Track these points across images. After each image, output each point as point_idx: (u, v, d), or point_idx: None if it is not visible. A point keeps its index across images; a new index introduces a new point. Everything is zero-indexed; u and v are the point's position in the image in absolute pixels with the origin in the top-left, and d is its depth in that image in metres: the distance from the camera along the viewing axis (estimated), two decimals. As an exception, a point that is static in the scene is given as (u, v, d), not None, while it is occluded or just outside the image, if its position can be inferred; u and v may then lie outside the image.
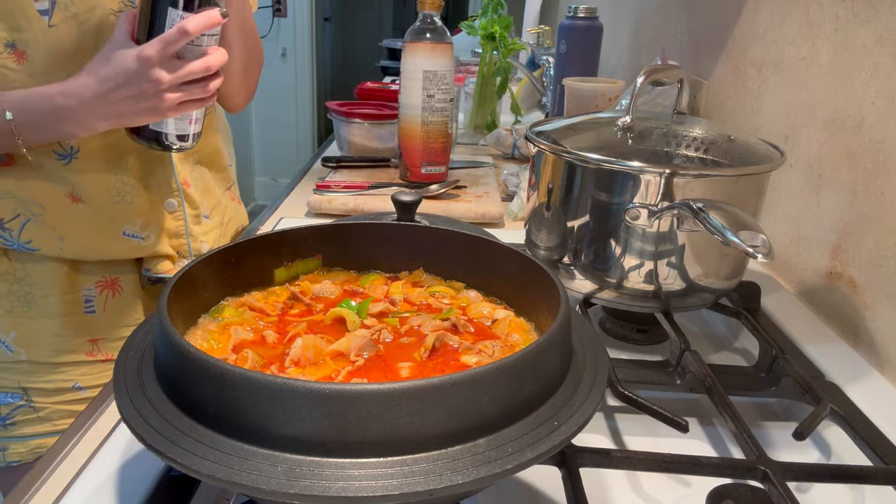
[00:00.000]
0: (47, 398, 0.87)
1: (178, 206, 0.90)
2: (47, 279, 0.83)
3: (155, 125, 0.76)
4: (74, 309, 0.86)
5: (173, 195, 0.89)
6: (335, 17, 5.77)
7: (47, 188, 0.80)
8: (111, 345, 0.89)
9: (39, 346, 0.85)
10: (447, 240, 0.57)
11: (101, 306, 0.87)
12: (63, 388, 0.87)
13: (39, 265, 0.83)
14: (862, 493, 0.51)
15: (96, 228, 0.83)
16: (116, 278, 0.88)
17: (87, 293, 0.86)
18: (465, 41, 2.12)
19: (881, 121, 0.70)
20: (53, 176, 0.80)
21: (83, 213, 0.82)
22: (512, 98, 1.70)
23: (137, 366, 0.41)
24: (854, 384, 0.62)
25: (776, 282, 0.86)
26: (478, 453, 0.35)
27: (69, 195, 0.81)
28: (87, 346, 0.87)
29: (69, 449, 0.53)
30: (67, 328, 0.86)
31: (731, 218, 0.56)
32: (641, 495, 0.50)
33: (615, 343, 0.72)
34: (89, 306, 0.87)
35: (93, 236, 0.83)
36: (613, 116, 0.72)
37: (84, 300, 0.86)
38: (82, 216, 0.82)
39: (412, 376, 0.44)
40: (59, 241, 0.81)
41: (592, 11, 1.40)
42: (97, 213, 0.83)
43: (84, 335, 0.87)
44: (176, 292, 0.45)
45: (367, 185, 1.15)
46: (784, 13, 0.91)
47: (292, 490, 0.32)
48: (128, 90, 0.71)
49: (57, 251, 0.82)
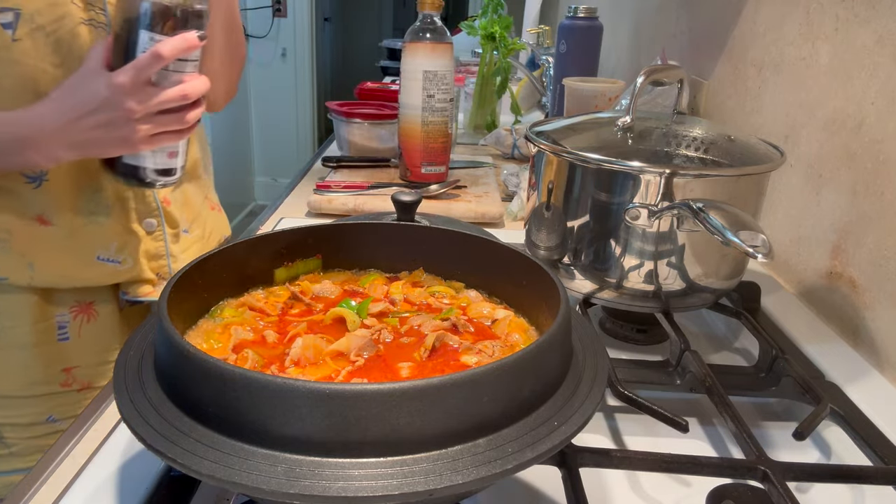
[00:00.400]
0: (20, 433, 0.81)
1: (158, 225, 0.84)
2: (16, 308, 0.77)
3: (130, 158, 0.69)
4: (47, 338, 0.80)
5: (152, 214, 0.83)
6: (335, 17, 5.77)
7: (14, 211, 0.75)
8: (87, 372, 0.84)
9: (10, 379, 0.80)
10: (447, 240, 0.57)
11: (76, 332, 0.82)
12: (36, 423, 0.82)
13: (7, 295, 0.77)
14: (862, 493, 0.51)
15: (68, 253, 0.78)
16: (91, 303, 0.82)
17: (60, 320, 0.81)
18: (465, 41, 2.12)
19: (881, 121, 0.70)
20: (21, 199, 0.75)
21: (53, 236, 0.76)
22: (512, 98, 1.70)
23: (137, 366, 0.41)
24: (854, 384, 0.62)
25: (776, 282, 0.86)
26: (478, 453, 0.35)
27: (37, 218, 0.75)
28: (61, 376, 0.82)
29: (69, 449, 0.53)
30: (39, 358, 0.80)
31: (731, 218, 0.56)
32: (641, 495, 0.50)
33: (615, 343, 0.72)
34: (63, 333, 0.81)
35: (64, 262, 0.78)
36: (613, 116, 0.72)
37: (57, 327, 0.81)
38: (52, 240, 0.76)
39: (412, 376, 0.44)
40: (29, 269, 0.76)
41: (592, 11, 1.40)
42: (68, 237, 0.77)
43: (58, 364, 0.82)
44: (176, 292, 0.45)
45: (367, 185, 1.15)
46: (784, 13, 0.91)
47: (292, 490, 0.32)
48: (97, 118, 0.65)
49: (27, 280, 0.76)
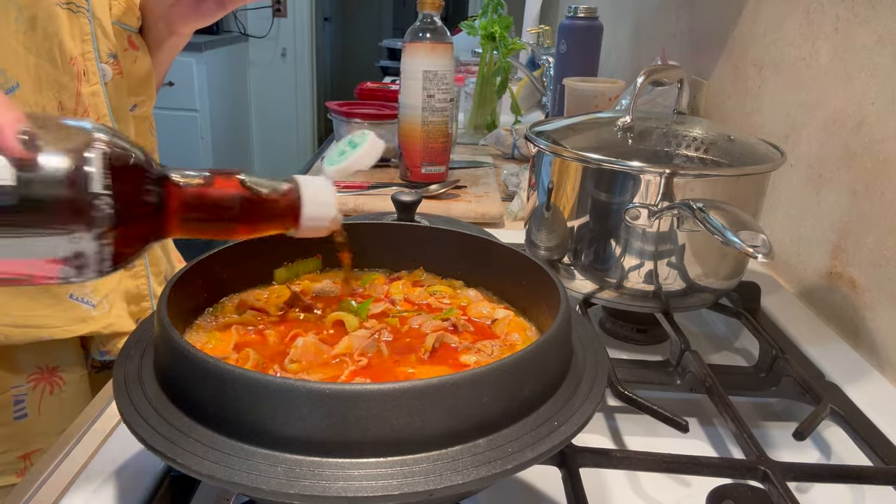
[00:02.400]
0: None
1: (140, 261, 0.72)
2: None
3: None
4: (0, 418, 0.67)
5: None
6: (335, 17, 5.77)
7: None
8: None
9: None
10: (447, 240, 0.57)
11: (35, 407, 0.68)
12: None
13: None
14: (862, 493, 0.51)
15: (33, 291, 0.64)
16: (56, 368, 0.69)
17: (15, 393, 0.67)
18: (465, 41, 2.12)
19: (881, 121, 0.70)
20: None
21: None
22: (512, 98, 1.70)
23: (137, 366, 0.41)
24: (854, 384, 0.62)
25: (776, 282, 0.86)
26: (478, 453, 0.35)
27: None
28: (17, 463, 0.68)
29: (69, 449, 0.53)
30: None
31: (731, 218, 0.56)
32: (641, 495, 0.50)
33: (615, 343, 0.72)
34: (19, 410, 0.68)
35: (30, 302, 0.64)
36: (613, 116, 0.72)
37: (13, 403, 0.67)
38: None
39: (412, 376, 0.44)
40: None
41: (592, 11, 1.40)
42: None
43: (14, 450, 0.68)
44: (176, 292, 0.45)
45: (367, 185, 1.15)
46: (784, 13, 0.91)
47: (292, 490, 0.32)
48: None
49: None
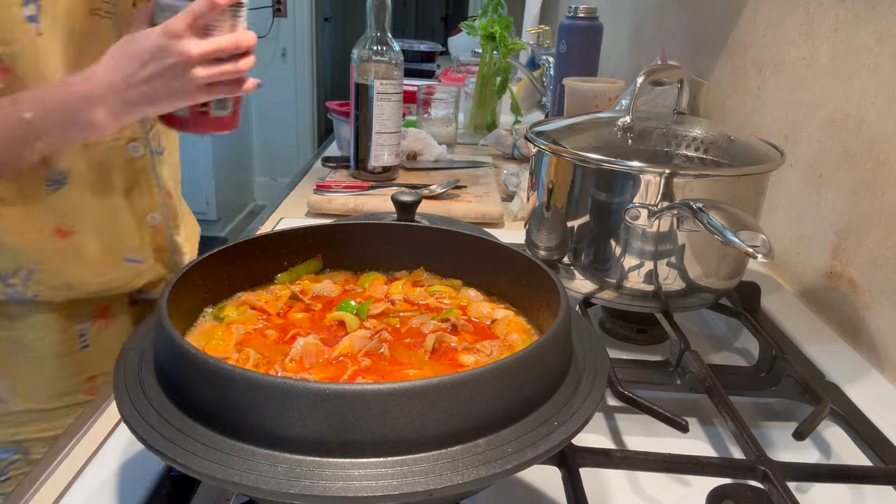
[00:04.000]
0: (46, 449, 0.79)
1: (162, 218, 0.85)
2: (41, 321, 0.77)
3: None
4: (70, 348, 0.80)
5: (156, 209, 0.84)
6: (335, 17, 5.77)
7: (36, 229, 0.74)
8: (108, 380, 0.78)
9: (35, 393, 0.79)
10: (447, 240, 0.57)
11: (94, 339, 0.82)
12: None
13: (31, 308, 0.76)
14: (862, 493, 0.51)
15: (97, 259, 0.78)
16: (108, 307, 0.83)
17: (80, 328, 0.81)
18: (465, 41, 2.12)
19: (881, 121, 0.70)
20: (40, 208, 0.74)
21: (79, 245, 0.76)
22: (512, 98, 1.70)
23: (137, 366, 0.41)
24: (854, 384, 0.62)
25: (776, 282, 0.86)
26: (478, 453, 0.35)
27: (55, 231, 0.75)
28: (85, 384, 0.82)
29: (69, 449, 0.53)
30: (64, 369, 0.80)
31: (731, 218, 0.56)
32: (641, 495, 0.50)
33: (615, 343, 0.72)
34: (83, 341, 0.81)
35: (95, 269, 0.78)
36: (613, 116, 0.72)
37: (79, 336, 0.81)
38: (80, 250, 0.76)
39: (412, 376, 0.44)
40: (65, 290, 0.76)
41: (592, 11, 1.40)
42: (91, 242, 0.77)
43: (81, 373, 0.81)
44: (176, 292, 0.45)
45: (367, 185, 1.15)
46: (784, 13, 0.91)
47: (292, 490, 0.32)
48: (154, 67, 0.65)
49: (63, 297, 0.77)
